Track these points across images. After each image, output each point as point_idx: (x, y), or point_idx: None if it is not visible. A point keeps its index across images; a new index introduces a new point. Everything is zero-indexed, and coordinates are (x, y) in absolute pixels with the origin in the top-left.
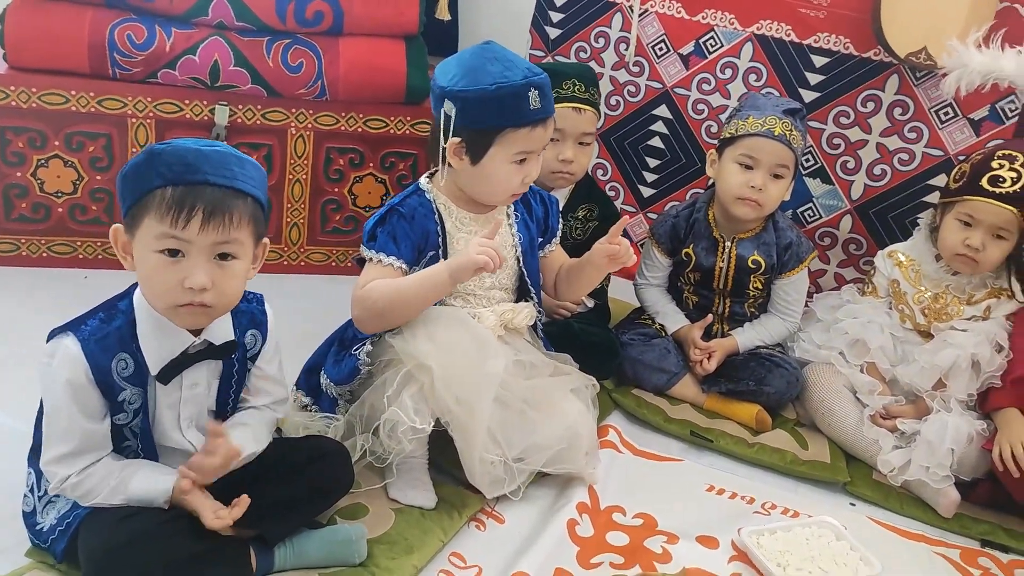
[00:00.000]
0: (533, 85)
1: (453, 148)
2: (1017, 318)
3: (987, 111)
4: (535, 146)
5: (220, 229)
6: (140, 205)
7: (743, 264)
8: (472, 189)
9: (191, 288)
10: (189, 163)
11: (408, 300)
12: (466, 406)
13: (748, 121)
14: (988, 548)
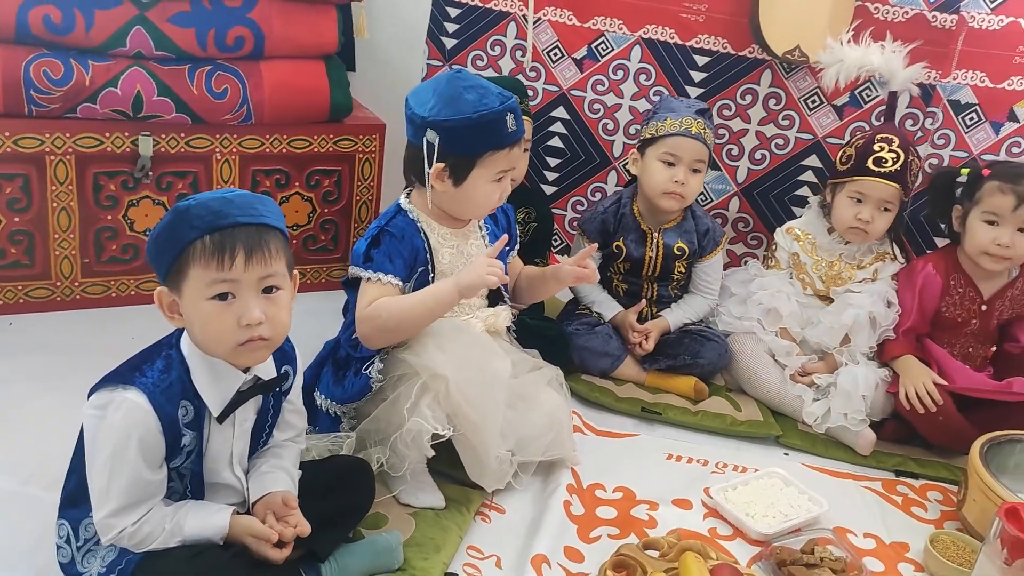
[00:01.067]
0: (509, 109)
1: (437, 173)
2: (900, 277)
3: (848, 97)
4: (512, 164)
5: (262, 263)
6: (180, 261)
7: (670, 251)
8: (453, 208)
9: (248, 325)
10: (217, 210)
11: (417, 316)
12: (479, 408)
13: (666, 123)
14: (902, 476)
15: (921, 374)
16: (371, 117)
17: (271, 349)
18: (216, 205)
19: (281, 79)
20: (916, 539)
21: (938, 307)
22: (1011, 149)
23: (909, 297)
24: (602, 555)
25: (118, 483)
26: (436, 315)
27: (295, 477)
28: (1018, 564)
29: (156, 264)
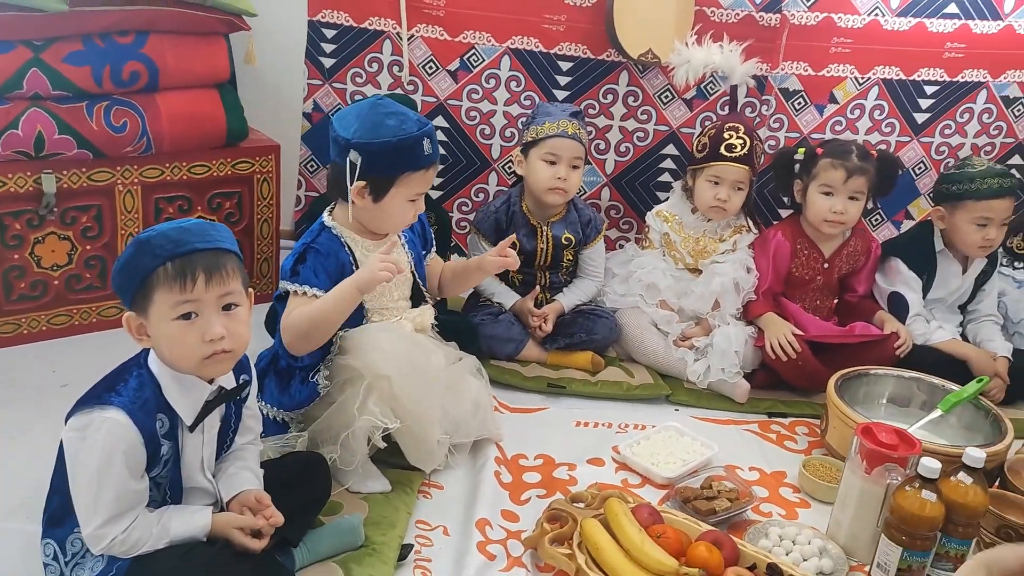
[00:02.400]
0: (426, 135)
1: (358, 190)
2: (756, 245)
3: (695, 91)
4: (426, 186)
5: (221, 283)
6: (145, 287)
7: (559, 242)
8: (372, 223)
9: (212, 340)
10: (176, 239)
11: (326, 318)
12: (420, 400)
13: (545, 126)
14: (774, 417)
15: (782, 328)
16: (265, 139)
17: (234, 360)
18: (175, 234)
19: (178, 109)
20: (791, 467)
21: (789, 268)
22: (834, 127)
23: (764, 262)
24: (534, 513)
25: (106, 495)
26: (344, 314)
27: (259, 475)
28: (876, 472)
29: (122, 292)
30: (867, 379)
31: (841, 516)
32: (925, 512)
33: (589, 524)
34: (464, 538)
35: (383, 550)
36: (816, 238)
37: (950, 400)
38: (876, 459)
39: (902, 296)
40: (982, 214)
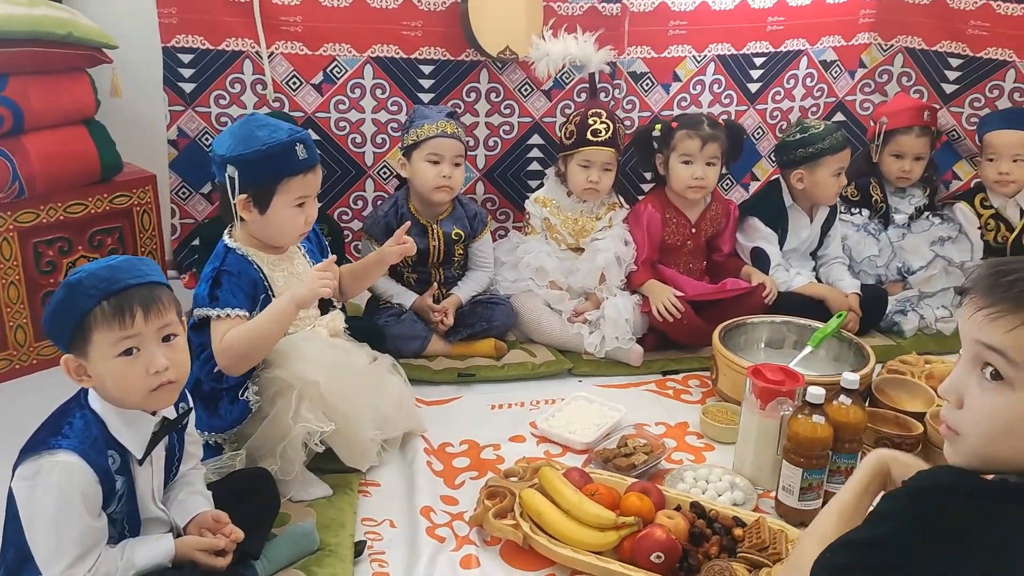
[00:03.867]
0: (298, 140)
1: (242, 204)
2: (630, 220)
3: (552, 82)
4: (310, 190)
5: (159, 315)
6: (83, 328)
7: (449, 238)
8: (266, 235)
9: (157, 372)
10: (108, 277)
11: (264, 336)
12: (350, 400)
13: (424, 128)
14: (667, 375)
15: (664, 292)
16: (140, 170)
17: (179, 390)
18: (105, 273)
19: (47, 149)
20: (691, 416)
21: (662, 237)
22: (680, 104)
23: (640, 234)
24: (471, 494)
25: (68, 537)
26: (282, 330)
27: (209, 497)
28: (769, 407)
29: (57, 336)
30: (745, 328)
31: (744, 452)
32: (817, 434)
33: (528, 494)
34: (411, 527)
35: (339, 550)
36: (682, 206)
37: (817, 336)
38: (768, 395)
39: (763, 250)
40: (838, 166)
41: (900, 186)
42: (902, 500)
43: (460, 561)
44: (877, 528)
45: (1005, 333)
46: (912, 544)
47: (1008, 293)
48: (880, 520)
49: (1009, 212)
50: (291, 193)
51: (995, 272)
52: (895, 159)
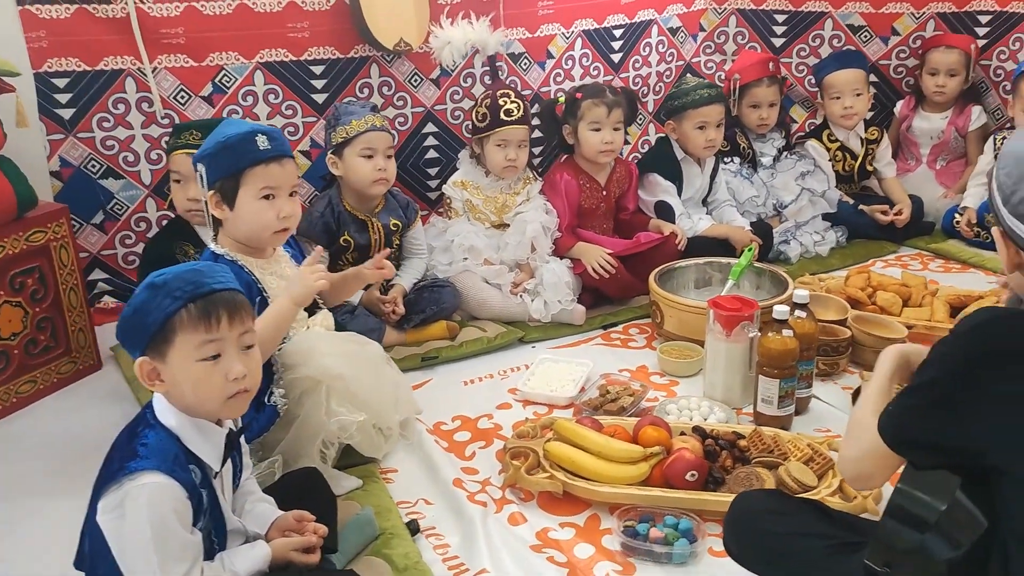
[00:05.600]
0: (259, 131)
1: (214, 201)
2: (546, 190)
3: (439, 71)
4: (276, 182)
5: (241, 322)
6: (165, 330)
7: (388, 230)
8: (241, 234)
9: (236, 379)
10: (193, 280)
11: (269, 337)
12: (376, 388)
13: (353, 124)
14: (609, 328)
15: (595, 252)
16: (52, 203)
17: (250, 399)
18: (191, 276)
19: None
20: (646, 359)
21: (579, 202)
22: (556, 79)
23: (560, 202)
24: (486, 462)
25: (171, 556)
26: (283, 331)
27: (272, 502)
28: (735, 332)
29: (135, 337)
30: (674, 272)
31: (714, 377)
32: (787, 346)
33: (554, 446)
34: (451, 500)
35: (397, 531)
36: (592, 171)
37: (736, 270)
38: (732, 322)
39: (665, 202)
40: (700, 119)
41: (761, 132)
42: (948, 343)
43: (507, 520)
44: (927, 372)
45: None
46: (963, 375)
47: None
48: (929, 366)
49: (852, 143)
50: (255, 184)
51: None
52: (753, 109)
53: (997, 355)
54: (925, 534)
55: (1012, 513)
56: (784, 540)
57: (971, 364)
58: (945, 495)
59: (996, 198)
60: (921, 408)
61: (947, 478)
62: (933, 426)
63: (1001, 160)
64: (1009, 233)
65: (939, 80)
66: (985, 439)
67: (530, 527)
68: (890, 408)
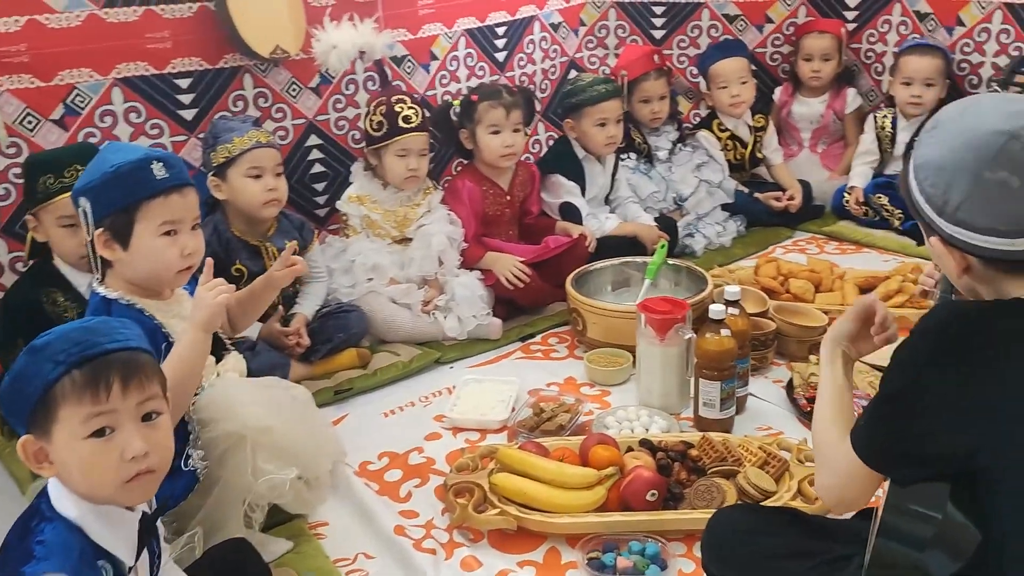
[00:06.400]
0: (154, 158)
1: (102, 241)
2: (448, 200)
3: (319, 79)
4: (178, 215)
5: (139, 389)
6: (46, 403)
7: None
8: (138, 276)
9: (134, 458)
10: (80, 340)
11: (184, 377)
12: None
13: (235, 142)
14: (527, 340)
15: (507, 261)
16: None
17: (158, 481)
18: (77, 335)
19: None
20: (571, 370)
21: (483, 209)
22: (441, 81)
23: (464, 211)
24: (426, 501)
25: None
26: (199, 371)
27: None
28: (669, 336)
29: (15, 411)
30: (590, 276)
31: (650, 383)
32: (725, 346)
33: (501, 478)
34: (394, 550)
35: None
36: (494, 176)
37: (652, 269)
38: (665, 326)
39: (571, 204)
40: (599, 116)
41: (654, 127)
42: (909, 347)
43: (460, 566)
44: (893, 381)
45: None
46: (931, 379)
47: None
48: (893, 373)
49: (741, 131)
50: (153, 219)
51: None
52: (644, 104)
53: (961, 353)
54: (924, 551)
55: (1005, 513)
56: (770, 563)
57: (942, 363)
58: (938, 507)
59: (926, 210)
60: (895, 422)
61: (937, 489)
62: (917, 438)
63: (918, 172)
64: (951, 241)
65: (814, 65)
66: (969, 440)
67: (487, 571)
68: (863, 425)
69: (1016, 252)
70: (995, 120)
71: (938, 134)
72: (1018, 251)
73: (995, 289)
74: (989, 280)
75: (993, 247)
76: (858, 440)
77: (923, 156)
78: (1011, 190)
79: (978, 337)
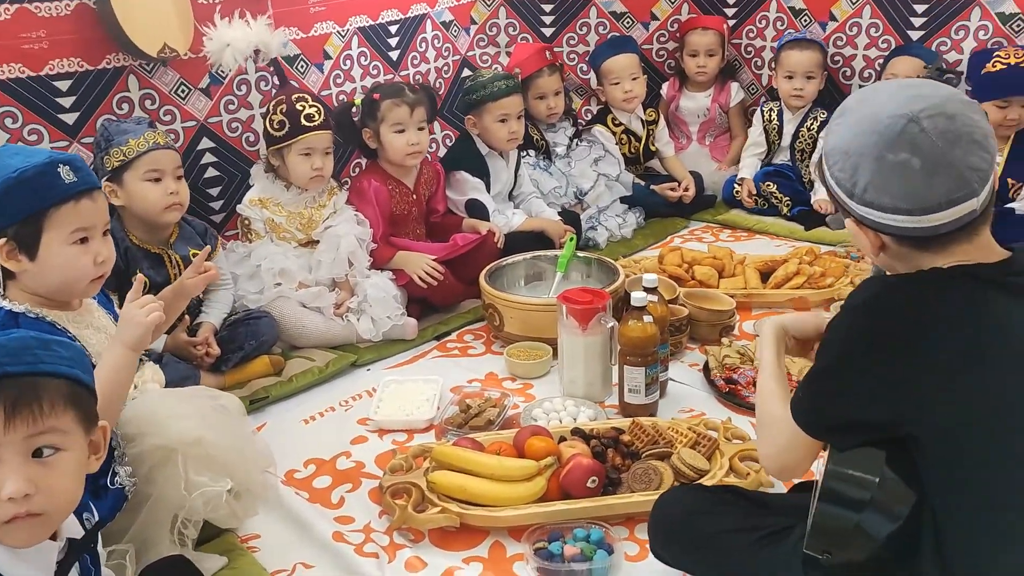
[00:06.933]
0: (60, 161)
1: (5, 252)
2: (353, 200)
3: (209, 79)
4: (90, 221)
5: (30, 422)
6: None
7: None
8: (46, 287)
9: (12, 499)
10: None
11: (111, 395)
12: (237, 450)
13: (130, 144)
14: (443, 339)
15: (418, 259)
16: None
17: (54, 525)
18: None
19: None
20: (492, 366)
21: (391, 209)
22: (335, 81)
23: (371, 211)
24: (361, 506)
25: None
26: (126, 388)
27: None
28: (591, 325)
29: None
30: (503, 271)
31: (573, 374)
32: (648, 333)
33: (439, 476)
34: (336, 557)
35: None
36: (399, 175)
37: (563, 262)
38: (588, 316)
39: (477, 200)
40: (501, 112)
41: (551, 123)
42: (842, 322)
43: (405, 567)
44: (829, 353)
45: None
46: (864, 351)
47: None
48: (828, 347)
49: (634, 126)
50: (64, 227)
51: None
52: (540, 100)
53: (892, 325)
54: (862, 513)
55: (935, 477)
56: (716, 539)
57: (872, 339)
58: (875, 470)
59: (839, 193)
60: (831, 392)
61: (873, 454)
62: (847, 407)
63: (829, 158)
64: (863, 221)
65: (699, 60)
66: (898, 408)
67: (433, 570)
68: (800, 396)
69: (922, 228)
70: (895, 105)
71: (844, 121)
72: (924, 227)
73: (912, 265)
74: (904, 256)
75: (901, 225)
76: (796, 410)
77: (831, 142)
78: (912, 170)
79: (901, 311)
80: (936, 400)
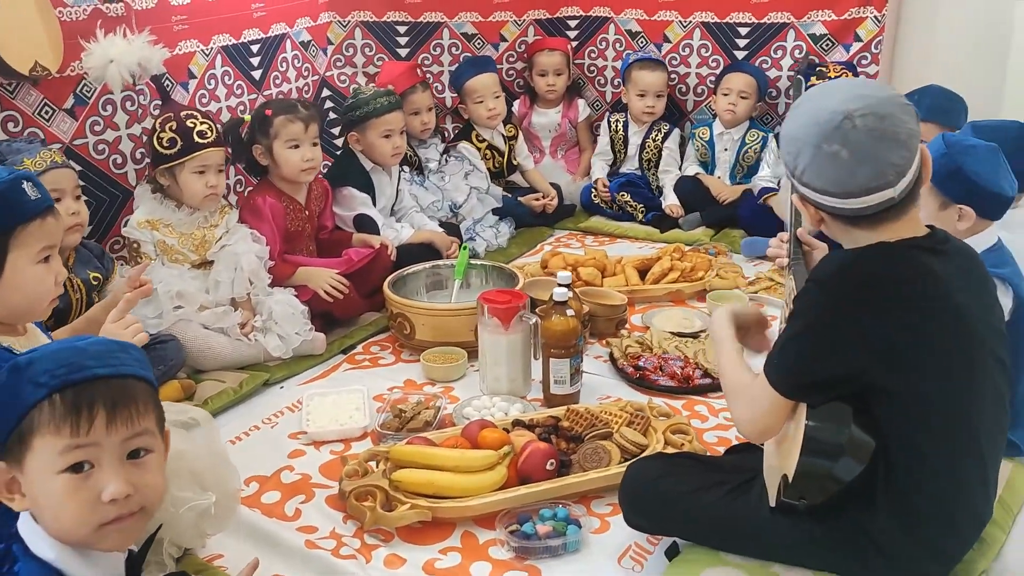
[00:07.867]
0: (23, 178)
1: None
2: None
3: (73, 99)
4: (54, 239)
5: (128, 423)
6: (22, 428)
7: (90, 285)
8: (9, 309)
9: (113, 500)
10: (70, 362)
11: None
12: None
13: (27, 164)
14: (350, 351)
15: (323, 274)
16: None
17: (143, 525)
18: (67, 356)
19: None
20: (407, 372)
21: (286, 225)
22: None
23: (268, 228)
24: (320, 514)
25: None
26: None
27: None
28: (513, 324)
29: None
30: (405, 280)
31: (496, 371)
32: (571, 326)
33: (404, 474)
34: (313, 565)
35: None
36: (291, 191)
37: (459, 270)
38: (508, 315)
39: (365, 215)
40: (385, 128)
41: (423, 139)
42: (812, 292)
43: (385, 564)
44: (800, 321)
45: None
46: (834, 316)
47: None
48: (800, 315)
49: (496, 141)
50: (31, 245)
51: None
52: (414, 116)
53: (859, 290)
54: (838, 461)
55: (892, 426)
56: (686, 498)
57: (839, 303)
58: (846, 422)
59: (787, 172)
60: (806, 355)
61: (841, 407)
62: (821, 367)
63: (781, 143)
64: (805, 198)
65: (548, 80)
66: (863, 363)
67: (414, 565)
68: (776, 362)
69: (848, 209)
70: (836, 101)
71: (796, 111)
72: (849, 208)
73: (851, 238)
74: (840, 230)
75: (831, 204)
76: (771, 375)
77: (784, 129)
78: (842, 160)
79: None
80: (902, 348)
